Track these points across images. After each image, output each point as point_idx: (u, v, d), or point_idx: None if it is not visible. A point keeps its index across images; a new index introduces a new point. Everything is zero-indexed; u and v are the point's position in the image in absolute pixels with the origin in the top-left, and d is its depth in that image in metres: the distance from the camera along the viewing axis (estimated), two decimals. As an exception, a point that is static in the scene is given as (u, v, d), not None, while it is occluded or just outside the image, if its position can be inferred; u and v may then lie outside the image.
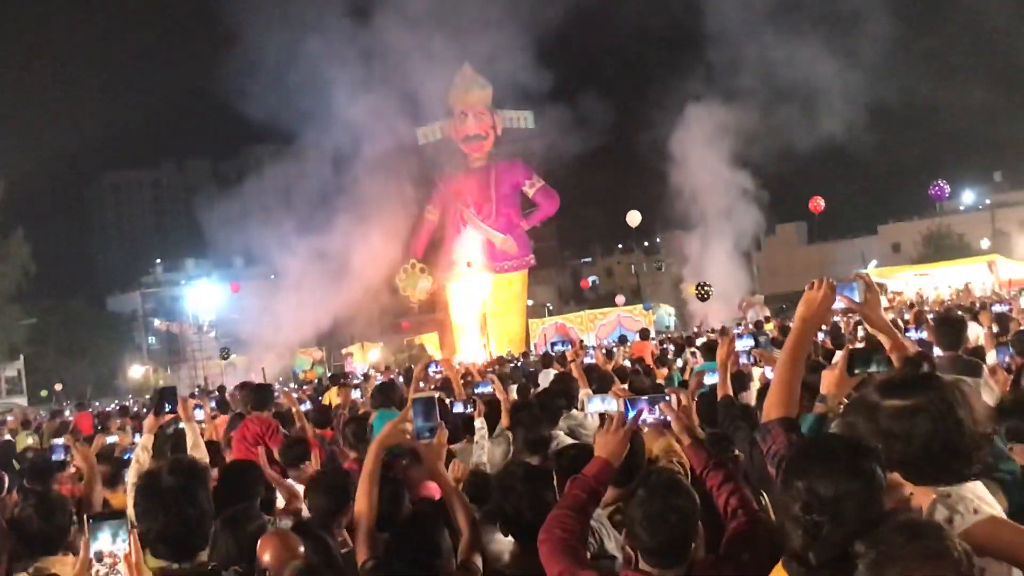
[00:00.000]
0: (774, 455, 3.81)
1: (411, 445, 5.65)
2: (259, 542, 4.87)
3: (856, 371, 4.34)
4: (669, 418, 4.57)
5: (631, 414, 4.59)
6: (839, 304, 4.28)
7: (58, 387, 65.56)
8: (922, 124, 69.46)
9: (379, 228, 51.07)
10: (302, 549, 4.85)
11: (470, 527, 5.00)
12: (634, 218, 53.41)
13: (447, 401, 9.15)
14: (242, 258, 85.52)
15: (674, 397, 4.74)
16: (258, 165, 52.09)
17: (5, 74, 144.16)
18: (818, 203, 52.77)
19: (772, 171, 54.70)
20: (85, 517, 3.53)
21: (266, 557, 4.76)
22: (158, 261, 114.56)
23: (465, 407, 8.69)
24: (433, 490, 6.47)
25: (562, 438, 7.86)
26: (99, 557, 3.56)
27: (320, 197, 51.72)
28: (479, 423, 8.25)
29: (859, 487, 2.95)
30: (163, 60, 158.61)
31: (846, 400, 4.37)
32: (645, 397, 4.72)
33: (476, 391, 10.79)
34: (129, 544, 3.49)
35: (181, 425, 8.22)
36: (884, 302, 4.48)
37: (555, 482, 4.90)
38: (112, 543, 3.51)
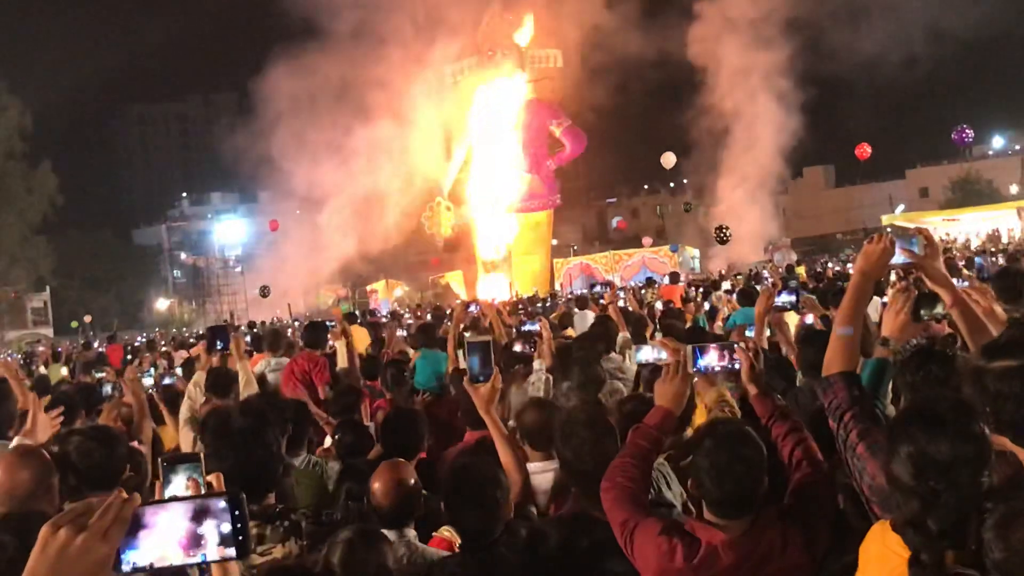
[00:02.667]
0: (836, 409, 3.82)
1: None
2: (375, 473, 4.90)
3: (922, 314, 4.34)
4: (737, 365, 4.56)
5: (700, 361, 4.58)
6: (898, 258, 4.28)
7: (87, 319, 65.81)
8: (954, 68, 68.87)
9: (404, 164, 51.02)
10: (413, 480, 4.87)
11: (522, 475, 5.03)
12: (668, 159, 53.11)
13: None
14: (268, 192, 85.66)
15: (743, 344, 4.70)
16: (284, 99, 51.81)
17: (33, 6, 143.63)
18: (864, 149, 52.25)
19: (800, 113, 54.41)
20: (159, 460, 3.51)
21: (376, 485, 4.79)
22: (184, 195, 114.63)
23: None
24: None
25: (613, 383, 7.84)
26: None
27: (346, 133, 51.60)
28: (538, 363, 8.21)
29: (972, 450, 2.89)
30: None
31: (913, 342, 4.37)
32: (714, 344, 4.69)
33: (524, 329, 10.78)
34: (213, 485, 3.45)
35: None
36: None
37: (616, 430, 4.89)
38: (186, 487, 3.46)
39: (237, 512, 2.09)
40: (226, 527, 2.08)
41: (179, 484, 3.37)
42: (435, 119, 52.32)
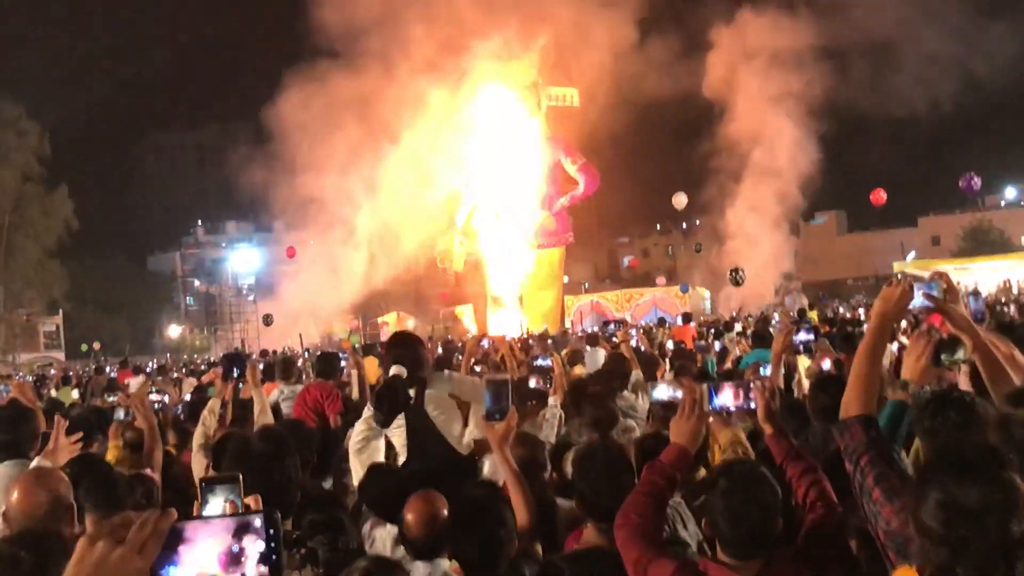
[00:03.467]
0: (852, 452, 3.83)
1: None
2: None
3: (943, 359, 4.35)
4: (753, 405, 4.57)
5: (716, 399, 4.59)
6: (917, 301, 4.30)
7: (96, 345, 65.83)
8: (968, 117, 68.97)
9: (419, 197, 51.11)
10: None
11: (530, 514, 5.04)
12: (680, 200, 53.27)
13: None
14: (282, 222, 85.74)
15: (759, 383, 4.72)
16: (300, 130, 52.03)
17: (54, 31, 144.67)
18: (880, 195, 52.29)
19: (813, 158, 54.53)
20: (199, 481, 3.53)
21: (409, 516, 4.81)
22: (199, 222, 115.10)
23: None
24: None
25: (625, 421, 7.86)
26: None
27: (361, 164, 51.76)
28: (553, 399, 8.22)
29: (1002, 498, 2.85)
30: (212, 20, 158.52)
31: (928, 388, 4.37)
32: (730, 382, 4.71)
33: (537, 364, 10.79)
34: (251, 506, 3.45)
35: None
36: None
37: (634, 467, 4.91)
38: (224, 508, 3.47)
39: (272, 531, 2.12)
40: (263, 546, 2.11)
41: (217, 505, 3.39)
42: (451, 152, 52.46)
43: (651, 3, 52.05)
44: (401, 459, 6.68)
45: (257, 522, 2.12)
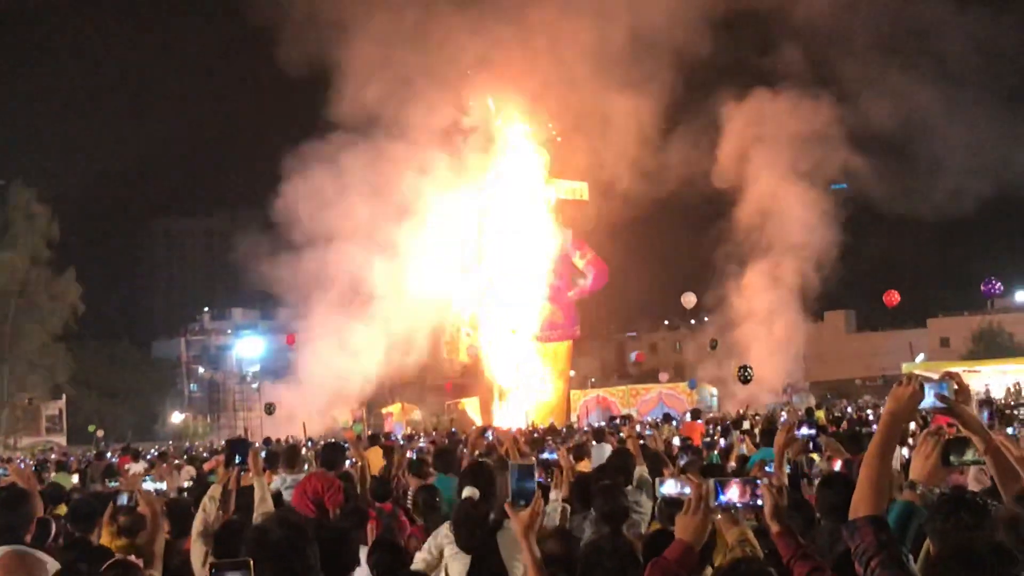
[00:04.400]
0: (862, 554, 3.77)
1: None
2: None
3: (952, 460, 4.30)
4: (760, 502, 4.52)
5: (722, 496, 4.54)
6: (928, 401, 4.24)
7: (99, 433, 65.56)
8: (978, 220, 69.20)
9: (424, 288, 51.28)
10: None
11: None
12: (689, 300, 53.44)
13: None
14: (288, 310, 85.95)
15: (766, 480, 4.68)
16: (306, 220, 52.40)
17: (64, 114, 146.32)
18: (892, 296, 52.41)
19: (823, 257, 54.68)
20: (209, 566, 3.47)
21: None
22: (205, 309, 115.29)
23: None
24: None
25: (630, 517, 7.79)
26: None
27: (368, 255, 52.01)
28: (555, 493, 8.15)
29: None
30: (221, 108, 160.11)
31: (937, 490, 4.32)
32: (737, 478, 4.66)
33: (542, 457, 10.74)
34: None
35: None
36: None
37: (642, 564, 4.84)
38: None
39: None
40: None
41: None
42: (457, 244, 52.74)
43: (661, 96, 52.50)
44: None
45: None
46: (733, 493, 4.52)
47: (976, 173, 56.04)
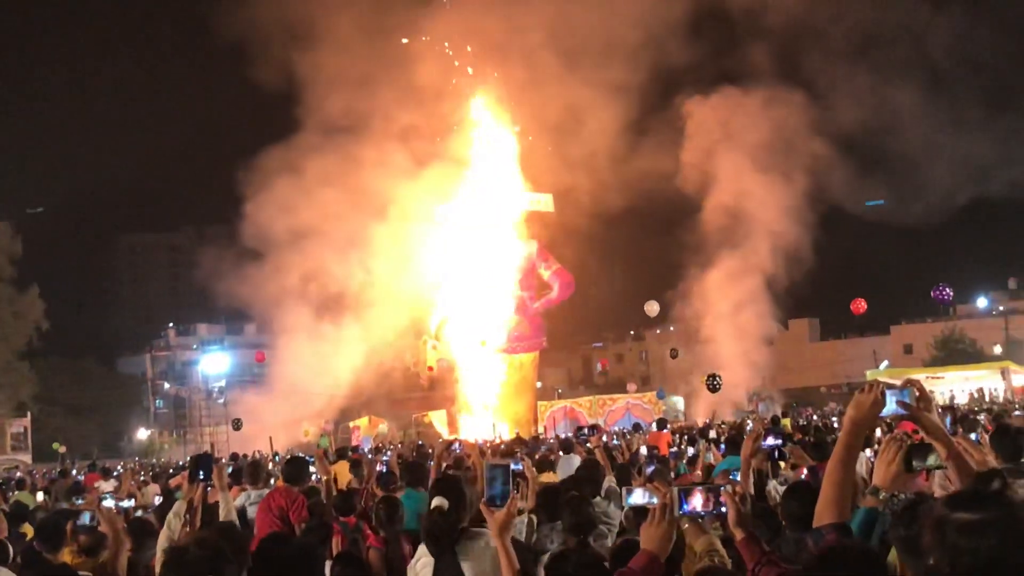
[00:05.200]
0: None
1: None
2: None
3: (914, 465, 4.32)
4: (724, 509, 4.52)
5: (686, 505, 4.54)
6: (890, 408, 4.27)
7: (61, 449, 65.02)
8: (941, 227, 69.67)
9: (390, 301, 51.19)
10: None
11: None
12: (652, 308, 53.42)
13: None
14: (254, 326, 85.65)
15: (729, 488, 4.68)
16: (272, 235, 52.15)
17: (27, 130, 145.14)
18: (860, 305, 52.69)
19: (786, 265, 54.83)
20: None
21: None
22: (170, 325, 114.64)
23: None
24: None
25: (598, 528, 7.79)
26: None
27: (332, 269, 51.91)
28: (521, 504, 8.14)
29: None
30: (186, 123, 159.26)
31: (902, 496, 4.33)
32: (700, 486, 4.67)
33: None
34: None
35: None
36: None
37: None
38: None
39: None
40: None
41: None
42: (423, 257, 52.66)
43: (628, 108, 52.54)
44: None
45: None
46: (696, 501, 4.53)
47: (940, 180, 56.49)
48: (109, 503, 9.99)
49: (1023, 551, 3.11)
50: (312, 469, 12.93)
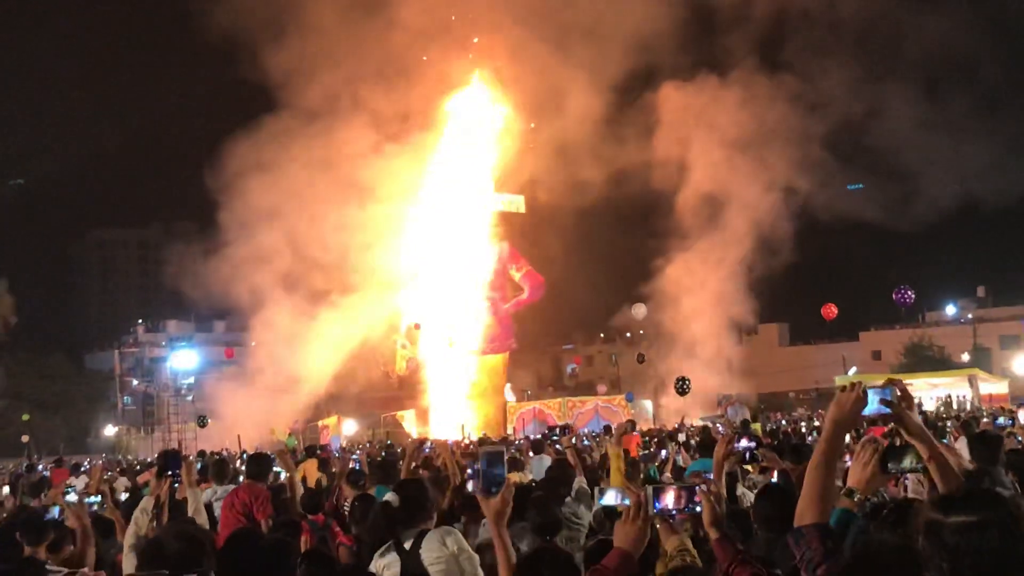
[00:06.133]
0: (808, 561, 3.75)
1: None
2: None
3: (890, 467, 4.30)
4: (698, 508, 4.49)
5: (658, 504, 4.51)
6: (872, 408, 4.23)
7: (25, 438, 64.73)
8: (910, 235, 70.04)
9: (361, 301, 51.07)
10: None
11: None
12: (639, 311, 53.57)
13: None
14: (224, 323, 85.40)
15: (705, 487, 4.65)
16: (242, 232, 51.92)
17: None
18: (831, 310, 52.91)
19: (756, 271, 55.02)
20: None
21: None
22: (139, 321, 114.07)
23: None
24: None
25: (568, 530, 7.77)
26: None
27: (302, 268, 51.80)
28: None
29: None
30: (155, 119, 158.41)
31: (875, 499, 4.32)
32: (673, 484, 4.64)
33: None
34: None
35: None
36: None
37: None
38: None
39: None
40: None
41: None
42: (394, 256, 52.55)
43: (599, 107, 52.54)
44: None
45: None
46: (669, 500, 4.51)
47: (911, 188, 56.80)
48: (72, 498, 9.91)
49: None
50: (277, 468, 12.84)
